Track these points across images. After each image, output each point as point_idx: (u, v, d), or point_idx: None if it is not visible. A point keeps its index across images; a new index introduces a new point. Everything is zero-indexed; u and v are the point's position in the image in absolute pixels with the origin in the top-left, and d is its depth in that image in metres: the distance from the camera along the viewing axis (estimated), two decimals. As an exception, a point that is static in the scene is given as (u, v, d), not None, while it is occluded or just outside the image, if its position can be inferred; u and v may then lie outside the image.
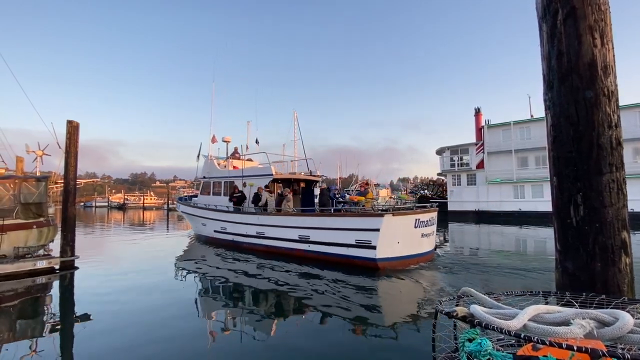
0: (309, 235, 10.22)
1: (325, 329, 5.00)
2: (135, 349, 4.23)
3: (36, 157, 15.27)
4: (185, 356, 4.04)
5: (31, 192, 9.43)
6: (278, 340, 4.64)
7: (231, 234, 12.82)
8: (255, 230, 11.81)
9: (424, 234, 9.58)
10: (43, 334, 4.93)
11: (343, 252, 9.41)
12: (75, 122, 9.52)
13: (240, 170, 13.89)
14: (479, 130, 30.39)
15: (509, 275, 8.05)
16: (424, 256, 9.51)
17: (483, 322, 1.12)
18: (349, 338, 4.62)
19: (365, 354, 4.04)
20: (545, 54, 2.31)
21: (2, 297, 6.72)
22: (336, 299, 6.30)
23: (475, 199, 28.91)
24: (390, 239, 8.86)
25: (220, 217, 13.38)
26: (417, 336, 4.57)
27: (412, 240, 9.27)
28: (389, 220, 8.78)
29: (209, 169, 15.53)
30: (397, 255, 8.93)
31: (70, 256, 9.06)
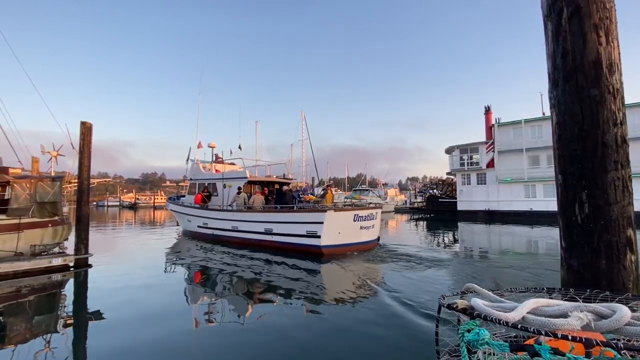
0: (272, 228, 12.15)
1: (286, 306, 6.08)
2: (143, 346, 4.35)
3: (51, 157, 15.69)
4: (195, 351, 4.14)
5: (46, 191, 9.72)
6: (253, 319, 5.43)
7: (211, 228, 14.63)
8: (231, 225, 13.63)
9: (363, 227, 11.49)
10: (57, 330, 5.10)
11: (297, 241, 11.32)
12: (89, 123, 9.77)
13: (221, 174, 15.75)
14: (489, 129, 30.04)
15: (512, 274, 8.00)
16: (364, 245, 11.50)
17: (482, 314, 1.16)
18: (300, 312, 5.75)
19: (313, 323, 5.22)
20: (550, 52, 2.32)
21: (19, 293, 6.97)
22: (292, 280, 7.81)
23: (485, 198, 28.58)
24: (332, 230, 10.77)
25: (202, 214, 15.28)
26: (350, 308, 5.81)
27: (351, 232, 11.18)
28: (331, 215, 10.75)
29: (195, 171, 17.45)
30: (338, 243, 10.87)
31: (84, 254, 9.31)
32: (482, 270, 8.67)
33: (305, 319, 5.39)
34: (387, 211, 43.18)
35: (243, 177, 14.86)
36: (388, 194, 57.45)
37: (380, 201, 42.10)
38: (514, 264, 9.50)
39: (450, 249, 12.71)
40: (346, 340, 4.43)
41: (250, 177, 15.01)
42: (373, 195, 41.85)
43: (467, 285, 1.95)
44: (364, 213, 11.56)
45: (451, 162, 31.57)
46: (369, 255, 10.55)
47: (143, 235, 17.65)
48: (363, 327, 4.87)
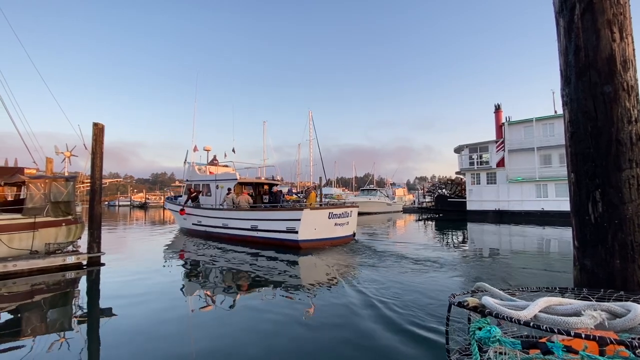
0: (257, 225, 13.36)
1: (270, 294, 6.77)
2: (154, 343, 4.42)
3: (64, 158, 16.06)
4: (202, 347, 4.19)
5: (60, 191, 9.94)
6: (242, 307, 5.99)
7: (204, 225, 15.89)
8: (222, 222, 14.85)
9: (337, 224, 12.91)
10: (71, 326, 5.22)
11: (278, 236, 12.59)
12: (101, 124, 9.96)
13: (214, 175, 17.03)
14: (499, 128, 29.62)
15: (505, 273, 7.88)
16: (338, 240, 12.85)
17: (494, 312, 1.15)
18: (281, 299, 6.40)
19: (291, 307, 5.84)
20: (562, 49, 2.29)
21: (35, 290, 7.15)
22: (274, 270, 8.87)
23: (495, 198, 28.20)
24: (309, 226, 12.06)
25: (196, 213, 16.49)
26: (325, 293, 6.67)
27: (326, 228, 12.54)
28: (307, 213, 12.04)
29: (191, 173, 18.71)
30: (314, 238, 12.16)
31: (97, 252, 9.50)
32: (489, 271, 8.57)
33: (283, 304, 6.10)
34: (395, 211, 42.96)
35: (233, 179, 16.02)
36: (396, 193, 57.18)
37: (388, 201, 42.01)
38: (525, 265, 9.36)
39: (456, 248, 12.60)
40: (306, 323, 5.11)
41: (240, 179, 16.18)
42: (381, 195, 41.70)
43: (478, 284, 1.94)
44: (338, 211, 13.06)
45: (460, 162, 31.23)
46: (342, 248, 12.06)
47: (153, 234, 17.91)
48: (321, 313, 5.51)
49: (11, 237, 8.71)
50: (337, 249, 11.59)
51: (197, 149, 19.18)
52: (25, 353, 4.17)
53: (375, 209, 37.78)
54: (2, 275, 7.75)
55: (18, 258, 8.33)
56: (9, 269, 7.86)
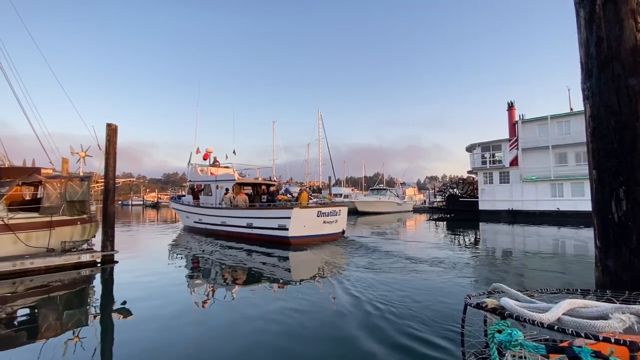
0: (252, 222, 14.31)
1: (265, 287, 7.42)
2: (165, 340, 4.46)
3: (79, 158, 16.44)
4: (208, 342, 4.21)
5: (76, 190, 10.16)
6: (243, 298, 6.58)
7: (204, 223, 16.91)
8: (220, 220, 15.84)
9: (326, 222, 13.80)
10: (87, 323, 5.33)
11: (271, 233, 13.46)
12: (114, 124, 10.14)
13: (215, 176, 18.01)
14: (512, 126, 28.99)
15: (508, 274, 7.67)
16: (326, 236, 13.76)
17: (514, 314, 1.10)
18: (274, 290, 7.10)
19: (281, 297, 6.44)
20: (582, 40, 2.20)
21: (51, 287, 7.33)
22: (267, 264, 9.69)
23: (508, 197, 27.64)
24: (298, 223, 12.92)
25: (197, 211, 17.57)
26: (311, 285, 7.33)
27: (315, 225, 13.40)
28: (297, 211, 12.95)
29: (193, 174, 19.68)
30: (303, 234, 13.04)
31: (110, 251, 9.67)
32: (501, 272, 8.38)
33: (276, 294, 6.82)
34: (405, 211, 42.56)
35: (232, 179, 16.95)
36: (406, 193, 56.68)
37: (398, 201, 41.63)
38: (540, 266, 9.13)
39: (468, 248, 12.38)
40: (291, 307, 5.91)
41: (238, 180, 17.14)
42: (391, 194, 41.37)
43: (494, 285, 1.88)
44: (326, 210, 13.95)
45: (472, 161, 30.69)
46: (331, 244, 13.03)
47: (164, 233, 18.17)
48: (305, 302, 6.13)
49: (29, 236, 8.94)
50: (322, 245, 12.53)
51: (199, 150, 19.97)
52: (42, 349, 4.26)
53: (385, 209, 37.51)
54: (20, 273, 7.96)
55: (35, 256, 8.54)
56: (26, 266, 8.07)
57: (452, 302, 5.78)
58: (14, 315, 5.68)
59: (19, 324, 5.39)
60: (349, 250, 11.72)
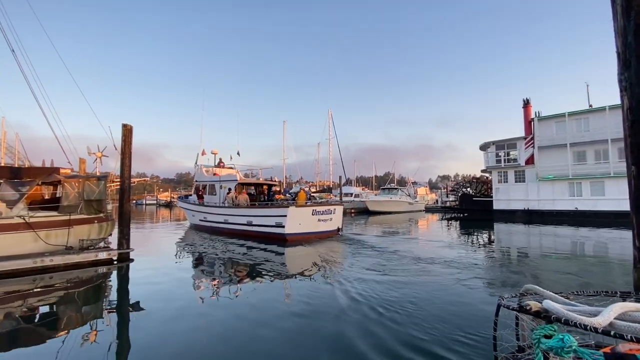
0: (252, 220, 15.11)
1: (263, 280, 7.89)
2: (179, 336, 4.48)
3: (96, 158, 16.82)
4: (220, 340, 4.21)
5: (93, 190, 10.37)
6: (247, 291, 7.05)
7: (209, 221, 17.82)
8: (223, 218, 16.68)
9: (321, 220, 14.54)
10: (104, 319, 5.41)
11: (269, 230, 14.31)
12: (129, 125, 10.30)
13: (219, 177, 18.84)
14: (528, 123, 28.27)
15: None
16: (321, 234, 14.50)
17: (562, 318, 1.02)
18: (273, 282, 7.66)
19: (280, 290, 7.08)
20: (619, 29, 2.07)
21: (70, 284, 7.50)
22: (264, 258, 10.47)
23: (524, 197, 27.00)
24: (294, 221, 13.67)
25: (202, 210, 18.47)
26: (305, 280, 7.70)
27: (310, 223, 14.14)
28: (293, 210, 13.73)
29: (199, 175, 20.61)
30: (299, 231, 13.75)
31: (126, 249, 9.83)
32: (516, 273, 8.15)
33: (274, 288, 7.32)
34: (417, 210, 42.08)
35: (234, 180, 17.77)
36: (418, 192, 56.00)
37: (410, 200, 41.19)
38: (558, 268, 8.87)
39: (481, 248, 12.11)
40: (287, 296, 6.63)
41: (240, 180, 18.03)
42: (402, 194, 40.94)
43: (527, 287, 1.79)
44: (321, 209, 14.72)
45: (486, 159, 30.07)
46: (324, 240, 13.82)
47: (177, 232, 18.42)
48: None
49: (48, 234, 9.17)
50: (317, 242, 13.41)
51: (205, 152, 21.10)
52: (61, 344, 4.34)
53: (396, 209, 37.17)
54: (41, 270, 8.16)
55: (54, 253, 8.76)
56: (46, 263, 8.27)
57: (463, 306, 5.63)
58: (35, 311, 5.83)
59: (40, 318, 5.53)
60: (346, 247, 12.43)
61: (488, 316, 4.48)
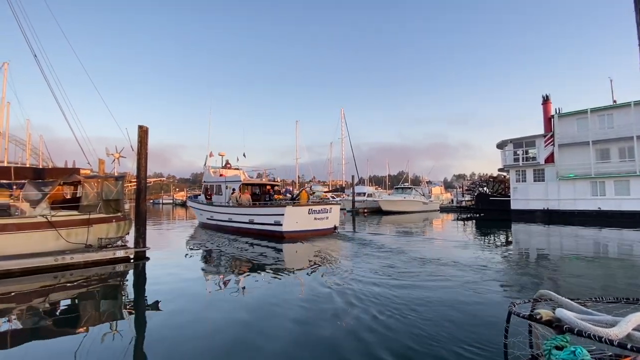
0: (253, 219, 16.02)
1: (262, 273, 8.54)
2: (193, 332, 4.55)
3: (114, 159, 17.32)
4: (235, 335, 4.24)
5: (111, 190, 10.68)
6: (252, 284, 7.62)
7: (215, 220, 18.79)
8: (228, 217, 17.60)
9: (317, 218, 15.44)
10: (122, 314, 5.61)
11: (268, 228, 15.20)
12: (145, 126, 10.53)
13: (224, 178, 19.87)
14: (547, 120, 27.34)
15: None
16: (317, 231, 15.35)
17: (575, 328, 0.95)
18: (270, 276, 8.12)
19: (278, 285, 7.34)
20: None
21: (90, 281, 7.74)
22: (265, 254, 11.20)
23: (543, 196, 26.15)
24: (291, 220, 14.62)
25: (209, 209, 19.51)
26: (302, 273, 8.33)
27: (306, 222, 15.08)
28: (290, 209, 14.73)
29: (207, 176, 21.73)
30: (295, 229, 14.69)
31: (142, 247, 10.06)
32: (533, 277, 7.88)
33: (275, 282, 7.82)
34: (432, 210, 41.40)
35: (238, 181, 18.90)
36: (432, 192, 55.16)
37: (424, 200, 40.61)
38: (579, 272, 8.52)
39: (498, 249, 11.78)
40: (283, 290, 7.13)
41: (244, 181, 19.27)
42: (416, 193, 40.38)
43: (541, 292, 1.71)
44: (317, 208, 15.68)
45: (504, 158, 29.27)
46: (321, 238, 14.64)
47: (190, 230, 18.76)
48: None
49: (69, 232, 9.50)
50: (314, 239, 14.21)
51: (212, 154, 22.40)
52: (82, 338, 4.51)
53: (410, 208, 36.70)
54: (62, 267, 8.46)
55: (75, 251, 9.06)
56: (67, 261, 8.56)
57: (475, 311, 5.49)
58: (56, 306, 6.07)
59: (61, 314, 5.74)
60: (343, 243, 13.46)
61: (501, 323, 4.32)
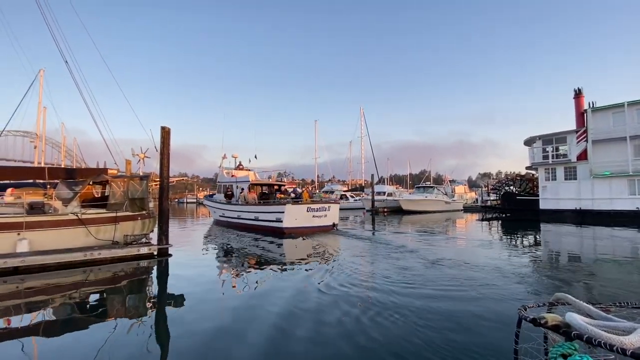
0: (258, 216, 17.39)
1: (260, 267, 9.25)
2: (215, 326, 4.63)
3: (139, 159, 18.07)
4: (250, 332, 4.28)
5: (136, 189, 11.10)
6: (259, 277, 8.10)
7: (226, 217, 20.46)
8: (237, 214, 19.12)
9: (315, 216, 16.63)
10: (146, 308, 5.84)
11: (270, 225, 16.50)
12: (167, 127, 10.87)
13: (235, 178, 21.49)
14: (580, 115, 25.82)
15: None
16: (316, 228, 16.46)
17: (584, 335, 0.87)
18: (271, 270, 8.65)
19: (280, 277, 7.99)
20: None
21: (116, 275, 8.11)
22: (267, 248, 12.25)
23: (575, 195, 24.76)
24: (291, 217, 15.88)
25: (221, 207, 21.26)
26: (301, 268, 8.75)
27: (305, 219, 16.27)
28: (289, 207, 16.02)
29: (221, 176, 23.58)
30: (295, 226, 15.90)
31: (165, 244, 10.40)
32: (564, 281, 7.44)
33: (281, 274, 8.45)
34: (455, 210, 40.23)
35: (247, 181, 20.54)
36: (455, 191, 53.62)
37: (447, 199, 39.53)
38: (615, 275, 7.97)
39: (526, 250, 11.24)
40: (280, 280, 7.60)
41: (252, 181, 20.84)
42: (438, 192, 39.36)
43: (558, 295, 1.59)
44: (315, 206, 16.90)
45: (532, 155, 27.94)
46: (319, 234, 15.65)
47: (206, 228, 19.25)
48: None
49: (98, 229, 9.97)
50: (314, 235, 15.34)
51: (226, 156, 24.24)
52: (110, 329, 4.74)
53: (431, 208, 35.84)
54: (90, 262, 8.88)
55: (102, 247, 9.49)
56: (95, 256, 8.99)
57: (494, 316, 5.25)
58: (87, 299, 6.42)
59: (92, 306, 6.06)
60: (339, 239, 14.47)
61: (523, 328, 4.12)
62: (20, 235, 8.72)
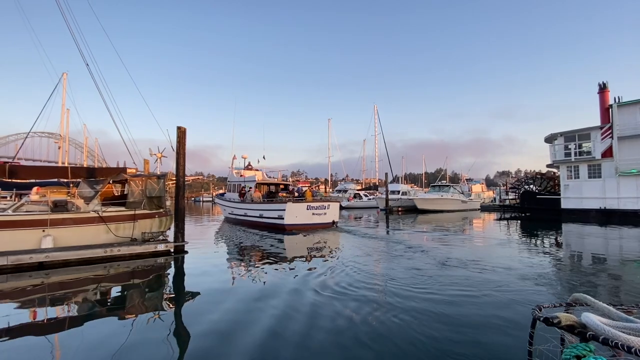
0: (262, 213, 18.45)
1: (267, 263, 9.48)
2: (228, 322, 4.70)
3: (156, 159, 18.55)
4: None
5: (154, 187, 11.39)
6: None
7: (234, 214, 21.83)
8: (244, 212, 20.41)
9: (315, 213, 17.65)
10: (163, 303, 6.00)
11: (273, 221, 17.56)
12: (183, 127, 11.08)
13: (243, 178, 22.81)
14: (605, 111, 24.75)
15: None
16: (315, 225, 17.49)
17: (600, 336, 0.82)
18: (274, 265, 9.03)
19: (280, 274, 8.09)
20: None
21: (135, 271, 8.34)
22: (270, 243, 12.99)
23: (600, 194, 23.78)
24: (292, 214, 16.98)
25: (230, 205, 22.76)
26: (302, 263, 9.19)
27: (305, 216, 17.36)
28: (290, 205, 17.04)
29: (231, 176, 24.98)
30: (295, 222, 16.97)
31: (181, 242, 10.63)
32: (587, 284, 7.15)
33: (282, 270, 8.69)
34: (472, 209, 39.33)
35: (253, 180, 21.62)
36: (472, 190, 52.42)
37: (463, 198, 38.71)
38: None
39: (547, 250, 10.86)
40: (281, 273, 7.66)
41: (259, 180, 21.85)
42: (454, 191, 38.56)
43: (576, 296, 1.52)
44: (315, 204, 17.89)
45: (553, 153, 27.00)
46: (320, 230, 16.63)
47: (226, 226, 19.53)
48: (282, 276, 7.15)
49: (117, 227, 10.28)
50: (314, 231, 16.28)
51: (236, 157, 25.79)
52: (129, 322, 4.93)
53: (447, 207, 35.16)
54: (110, 258, 9.19)
55: (122, 244, 9.79)
56: (114, 253, 9.28)
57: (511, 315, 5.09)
58: (108, 294, 6.66)
59: (112, 300, 6.29)
60: (337, 235, 15.12)
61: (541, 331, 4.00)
62: (45, 232, 9.10)
